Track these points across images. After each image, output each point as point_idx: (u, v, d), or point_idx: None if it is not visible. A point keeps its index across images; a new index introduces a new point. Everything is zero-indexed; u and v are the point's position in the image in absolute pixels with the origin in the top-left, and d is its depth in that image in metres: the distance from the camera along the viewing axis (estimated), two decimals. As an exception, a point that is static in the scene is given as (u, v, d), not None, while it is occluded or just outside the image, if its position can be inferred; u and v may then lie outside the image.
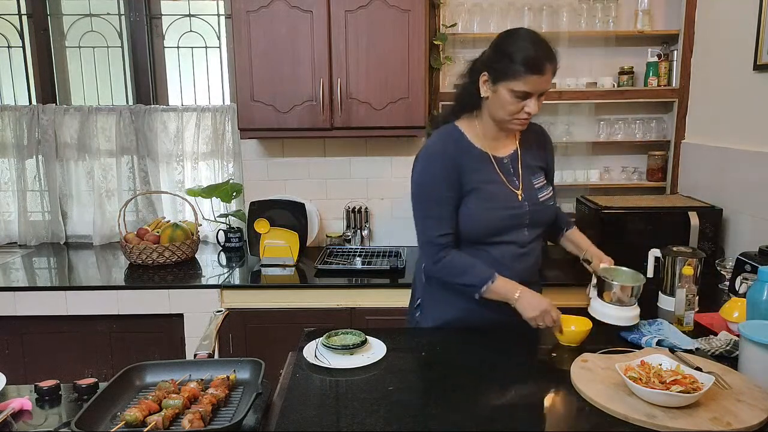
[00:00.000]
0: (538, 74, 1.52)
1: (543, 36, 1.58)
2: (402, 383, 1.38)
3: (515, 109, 1.58)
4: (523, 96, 1.56)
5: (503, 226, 1.66)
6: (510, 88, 1.55)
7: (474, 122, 1.71)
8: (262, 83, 2.63)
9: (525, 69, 1.52)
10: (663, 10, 2.91)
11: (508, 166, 1.71)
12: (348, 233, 3.01)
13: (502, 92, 1.57)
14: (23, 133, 3.10)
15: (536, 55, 1.52)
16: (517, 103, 1.57)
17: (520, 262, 1.69)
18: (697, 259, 1.91)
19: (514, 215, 1.66)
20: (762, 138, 2.27)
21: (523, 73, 1.52)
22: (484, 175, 1.67)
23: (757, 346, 1.32)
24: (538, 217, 1.70)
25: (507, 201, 1.67)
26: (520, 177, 1.71)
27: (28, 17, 3.12)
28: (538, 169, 1.76)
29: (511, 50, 1.55)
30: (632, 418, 1.17)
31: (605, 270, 1.60)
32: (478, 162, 1.67)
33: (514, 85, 1.54)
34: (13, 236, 3.22)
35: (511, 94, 1.56)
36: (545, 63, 1.53)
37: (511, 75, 1.54)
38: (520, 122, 1.62)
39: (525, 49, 1.53)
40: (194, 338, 2.44)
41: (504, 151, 1.72)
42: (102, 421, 1.20)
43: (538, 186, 1.73)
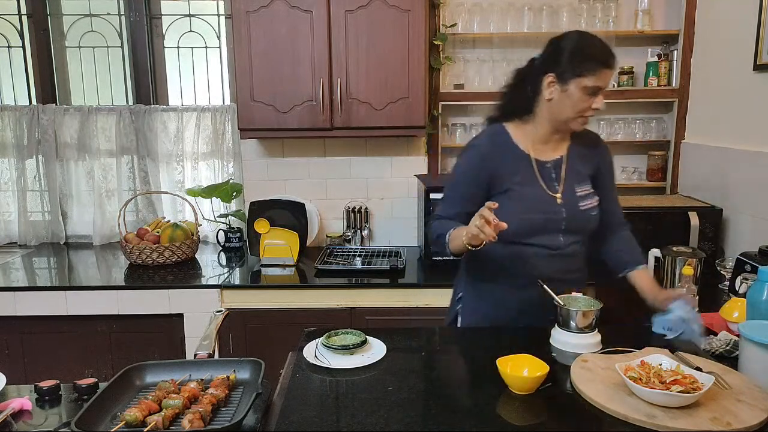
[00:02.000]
0: (609, 68, 1.59)
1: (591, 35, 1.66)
2: (402, 383, 1.38)
3: (585, 106, 1.62)
4: (594, 92, 1.60)
5: (535, 229, 1.67)
6: (582, 84, 1.59)
7: (523, 126, 1.73)
8: (262, 83, 2.63)
9: (598, 64, 1.57)
10: (663, 10, 2.91)
11: (550, 171, 1.71)
12: (348, 233, 3.01)
13: (573, 90, 1.61)
14: (23, 133, 3.10)
15: (605, 50, 1.59)
16: (587, 100, 1.61)
17: (551, 264, 1.69)
18: (697, 259, 1.92)
19: (549, 220, 1.67)
20: (762, 138, 2.27)
21: (595, 68, 1.57)
22: (521, 177, 1.69)
23: (757, 346, 1.32)
24: (576, 225, 1.70)
25: (542, 205, 1.67)
26: (562, 182, 1.71)
27: (28, 17, 3.12)
28: (586, 178, 1.75)
29: (581, 48, 1.60)
30: (632, 418, 1.17)
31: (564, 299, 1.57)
32: (518, 164, 1.70)
33: (587, 80, 1.58)
34: (13, 236, 3.22)
35: (583, 90, 1.59)
36: (613, 57, 1.60)
37: (584, 71, 1.58)
38: (585, 120, 1.66)
39: (594, 46, 1.60)
40: (194, 338, 2.44)
41: (549, 156, 1.73)
42: (102, 421, 1.20)
43: (582, 194, 1.72)
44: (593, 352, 1.48)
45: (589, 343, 1.50)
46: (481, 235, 1.46)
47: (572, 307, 1.52)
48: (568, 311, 1.51)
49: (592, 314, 1.50)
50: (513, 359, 1.36)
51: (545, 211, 1.67)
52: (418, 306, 2.49)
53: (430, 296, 2.48)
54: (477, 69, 2.96)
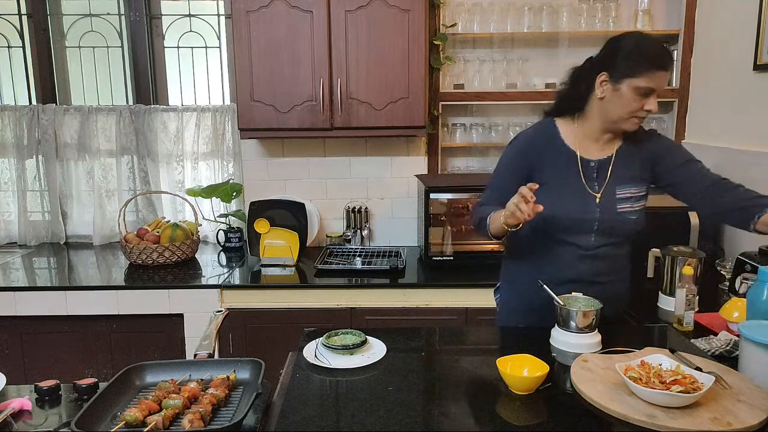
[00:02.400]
0: (664, 70, 1.58)
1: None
2: (402, 383, 1.38)
3: (637, 106, 1.61)
4: (646, 93, 1.60)
5: (566, 226, 1.68)
6: (635, 85, 1.59)
7: (573, 123, 1.74)
8: (262, 83, 2.63)
9: (652, 65, 1.57)
10: (663, 10, 2.91)
11: (594, 171, 1.71)
12: (348, 233, 3.01)
13: (624, 90, 1.61)
14: (23, 133, 3.10)
15: (661, 52, 1.59)
16: (639, 101, 1.61)
17: (582, 263, 1.70)
18: (697, 259, 1.91)
19: (582, 218, 1.67)
20: (762, 138, 2.27)
21: (649, 69, 1.57)
22: (562, 172, 1.70)
23: (757, 346, 1.32)
24: (610, 227, 1.69)
25: (578, 202, 1.68)
26: (604, 183, 1.70)
27: (28, 17, 3.12)
28: (633, 180, 1.72)
29: (636, 48, 1.60)
30: (632, 418, 1.17)
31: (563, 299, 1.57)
32: (562, 159, 1.71)
33: (639, 81, 1.58)
34: (13, 236, 3.22)
35: (635, 91, 1.59)
36: (669, 59, 1.60)
37: (637, 71, 1.58)
38: (639, 120, 1.66)
39: (650, 46, 1.60)
40: (194, 338, 2.45)
41: (596, 155, 1.73)
42: (102, 421, 1.20)
43: (622, 197, 1.70)
44: (593, 352, 1.48)
45: (589, 343, 1.50)
46: (517, 212, 1.48)
47: (572, 307, 1.52)
48: (568, 311, 1.51)
49: (592, 314, 1.50)
50: (513, 359, 1.36)
51: (580, 209, 1.68)
52: (418, 306, 2.49)
53: (430, 296, 2.49)
54: (477, 69, 2.96)
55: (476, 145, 3.03)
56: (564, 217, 1.67)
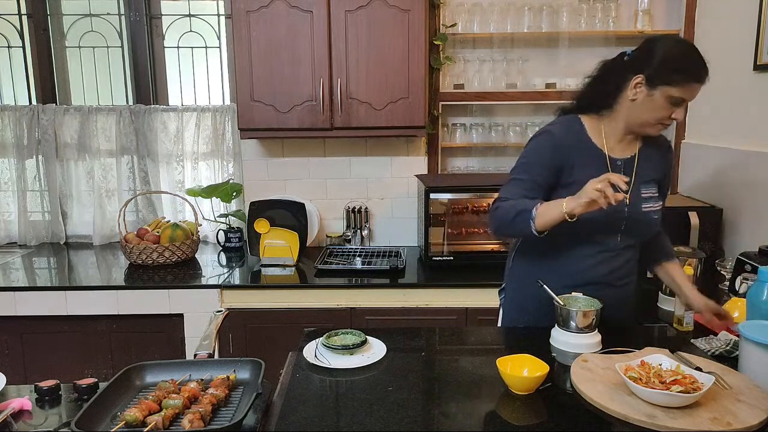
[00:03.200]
0: (699, 83, 1.58)
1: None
2: (402, 383, 1.38)
3: (666, 114, 1.60)
4: (678, 102, 1.58)
5: (596, 225, 1.65)
6: (669, 93, 1.57)
7: (598, 121, 1.71)
8: (262, 83, 2.63)
9: (689, 77, 1.56)
10: (663, 10, 2.91)
11: (620, 169, 1.69)
12: (348, 233, 3.01)
13: (657, 97, 1.58)
14: (23, 133, 3.10)
15: (700, 64, 1.58)
16: (669, 109, 1.59)
17: (604, 264, 1.68)
18: (697, 259, 1.92)
19: (611, 218, 1.65)
20: (762, 138, 2.27)
21: (686, 81, 1.56)
22: (592, 171, 1.64)
23: (757, 346, 1.32)
24: (635, 227, 1.68)
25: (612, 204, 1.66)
26: (631, 183, 1.68)
27: (28, 17, 3.12)
28: (651, 181, 1.73)
29: (677, 56, 1.58)
30: (632, 418, 1.17)
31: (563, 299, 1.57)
32: (590, 158, 1.68)
33: (674, 91, 1.57)
34: (13, 236, 3.22)
35: (668, 99, 1.58)
36: (706, 72, 1.58)
37: (673, 81, 1.56)
38: (663, 127, 1.64)
39: (690, 57, 1.58)
40: (194, 338, 2.44)
41: (621, 154, 1.71)
42: (102, 421, 1.20)
43: (646, 196, 1.70)
44: (593, 352, 1.48)
45: (589, 343, 1.50)
46: (600, 199, 1.42)
47: (572, 307, 1.52)
48: (568, 311, 1.51)
49: (592, 314, 1.50)
50: (513, 359, 1.36)
51: (610, 209, 1.61)
52: (418, 306, 2.49)
53: (430, 296, 2.49)
54: (477, 69, 2.96)
55: (476, 145, 3.03)
56: (594, 217, 1.62)
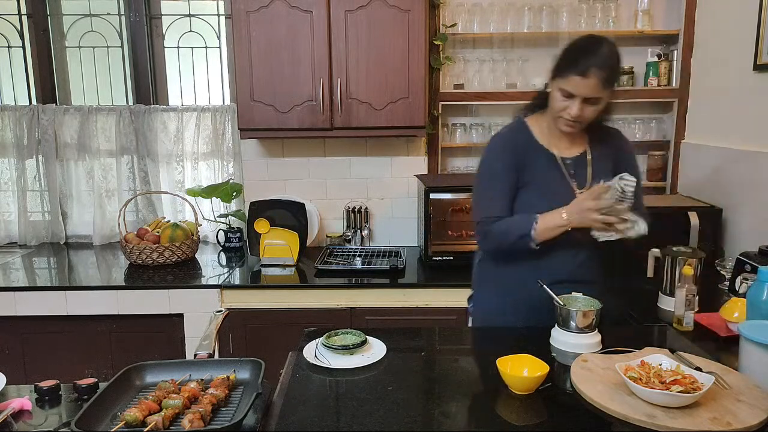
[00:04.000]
0: (582, 76, 1.55)
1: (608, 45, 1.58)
2: (402, 383, 1.38)
3: (560, 107, 1.62)
4: (567, 95, 1.60)
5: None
6: (559, 86, 1.61)
7: (542, 120, 1.75)
8: (262, 83, 2.63)
9: (570, 68, 1.57)
10: (663, 10, 2.91)
11: (571, 167, 1.72)
12: (348, 233, 3.01)
13: (554, 89, 1.63)
14: (23, 133, 3.10)
15: (582, 57, 1.56)
16: (563, 102, 1.61)
17: (571, 262, 1.71)
18: (697, 259, 1.91)
19: None
20: (762, 138, 2.27)
21: (567, 73, 1.57)
22: (544, 170, 1.70)
23: (757, 346, 1.32)
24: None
25: (564, 198, 1.67)
26: (587, 178, 1.71)
27: (28, 17, 3.12)
28: (608, 174, 1.72)
29: (566, 50, 1.61)
30: (632, 418, 1.17)
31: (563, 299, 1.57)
32: (540, 158, 1.71)
33: (561, 83, 1.60)
34: (13, 236, 3.22)
35: (561, 92, 1.61)
36: (591, 67, 1.55)
37: (559, 72, 1.60)
38: (564, 122, 1.65)
39: (576, 50, 1.59)
40: (194, 338, 2.44)
41: (569, 152, 1.74)
42: (102, 421, 1.20)
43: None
44: (593, 352, 1.48)
45: (589, 343, 1.50)
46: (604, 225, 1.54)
47: (572, 307, 1.52)
48: (568, 311, 1.51)
49: (592, 314, 1.50)
50: (513, 359, 1.36)
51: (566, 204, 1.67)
52: (418, 306, 2.49)
53: (430, 296, 2.48)
54: (477, 69, 2.96)
55: (476, 145, 3.03)
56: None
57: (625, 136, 1.84)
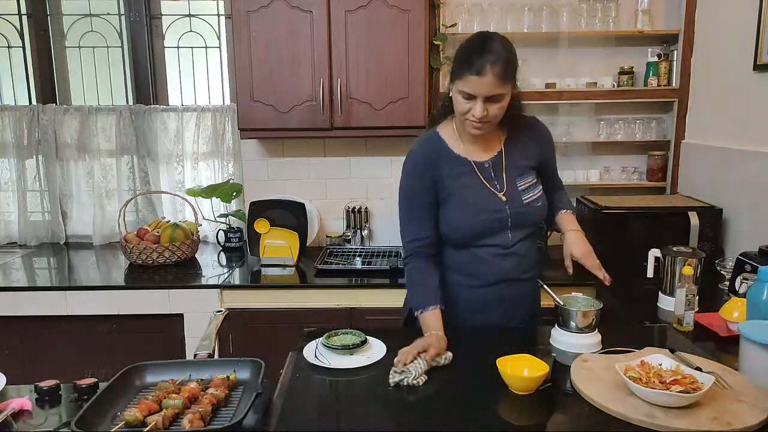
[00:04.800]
0: (477, 75, 1.49)
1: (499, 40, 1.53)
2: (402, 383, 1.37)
3: (463, 109, 1.56)
4: (468, 97, 1.54)
5: (483, 230, 1.65)
6: (458, 88, 1.55)
7: (452, 127, 1.70)
8: (262, 83, 2.63)
9: (465, 68, 1.51)
10: (663, 10, 2.91)
11: (489, 171, 1.68)
12: (348, 233, 3.01)
13: (454, 93, 1.57)
14: (23, 133, 3.10)
15: (476, 56, 1.49)
16: (464, 104, 1.55)
17: (504, 261, 1.68)
18: (697, 259, 1.92)
19: (495, 219, 1.65)
20: (762, 138, 2.27)
21: (463, 73, 1.51)
22: (462, 180, 1.66)
23: (757, 346, 1.32)
24: (522, 219, 1.68)
25: (487, 206, 1.65)
26: (504, 181, 1.68)
27: (28, 17, 3.12)
28: (528, 169, 1.71)
29: (461, 50, 1.55)
30: (632, 418, 1.17)
31: (564, 299, 1.57)
32: (457, 167, 1.67)
33: (459, 85, 1.54)
34: (13, 236, 3.22)
35: (460, 94, 1.55)
36: (485, 64, 1.48)
37: (455, 74, 1.55)
38: (471, 125, 1.58)
39: (468, 51, 1.52)
40: (194, 338, 2.44)
41: (485, 156, 1.69)
42: (102, 421, 1.20)
43: (524, 187, 1.69)
44: (593, 352, 1.48)
45: (589, 343, 1.50)
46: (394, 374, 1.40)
47: (572, 307, 1.52)
48: (568, 311, 1.51)
49: (592, 314, 1.50)
50: (513, 359, 1.36)
51: (490, 211, 1.65)
52: (418, 306, 2.49)
53: (430, 296, 2.48)
54: (477, 69, 2.96)
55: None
56: (478, 223, 1.65)
57: (541, 123, 1.79)
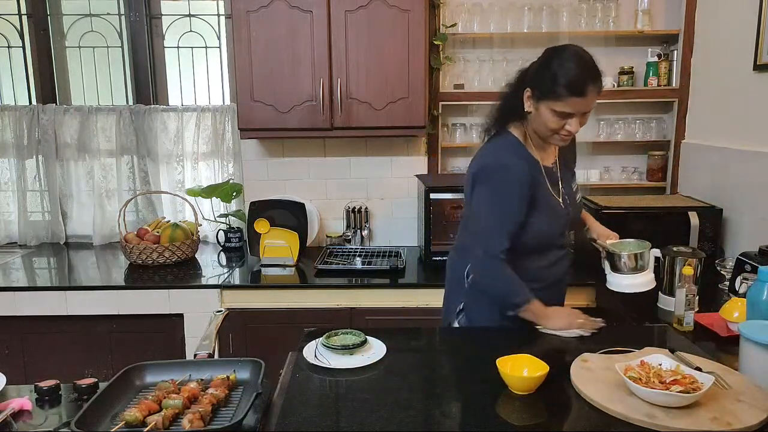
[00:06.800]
0: (580, 96, 1.52)
1: (588, 55, 1.55)
2: (402, 383, 1.37)
3: (557, 126, 1.58)
4: (565, 116, 1.56)
5: (557, 234, 1.71)
6: (552, 108, 1.55)
7: (525, 133, 1.71)
8: (262, 83, 2.63)
9: (567, 92, 1.51)
10: (663, 10, 2.91)
11: (556, 175, 1.73)
12: (348, 233, 3.01)
13: (543, 110, 1.57)
14: (23, 133, 3.10)
15: (579, 78, 1.51)
16: (559, 122, 1.57)
17: (562, 261, 1.75)
18: (697, 259, 1.92)
19: (563, 223, 1.72)
20: (762, 138, 2.27)
21: (565, 96, 1.52)
22: (544, 186, 1.68)
23: (757, 346, 1.32)
24: (574, 219, 1.77)
25: (558, 209, 1.70)
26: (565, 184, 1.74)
27: (28, 17, 3.12)
28: (573, 172, 1.81)
29: (556, 71, 1.53)
30: (632, 418, 1.17)
31: (613, 245, 1.67)
32: (540, 174, 1.69)
33: (555, 105, 1.55)
34: (13, 236, 3.22)
35: (553, 113, 1.56)
36: (588, 85, 1.51)
37: (553, 96, 1.54)
38: (561, 138, 1.62)
39: (569, 71, 1.52)
40: (194, 338, 2.44)
41: (550, 160, 1.74)
42: (102, 421, 1.20)
43: (575, 188, 1.79)
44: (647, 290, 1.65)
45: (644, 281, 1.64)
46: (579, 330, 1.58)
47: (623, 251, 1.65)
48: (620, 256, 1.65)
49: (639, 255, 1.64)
50: (513, 359, 1.36)
51: (561, 214, 1.71)
52: (418, 306, 2.49)
53: (430, 296, 2.48)
54: (477, 69, 2.96)
55: (476, 145, 2.99)
56: (557, 228, 1.71)
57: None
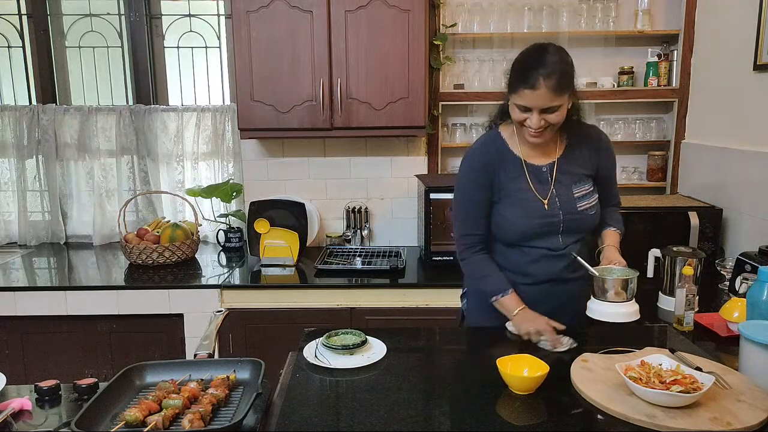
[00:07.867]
0: (530, 89, 1.52)
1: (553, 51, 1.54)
2: (402, 383, 1.38)
3: (520, 119, 1.60)
4: (524, 110, 1.57)
5: (534, 233, 1.69)
6: (513, 101, 1.59)
7: (513, 129, 1.72)
8: (262, 83, 2.63)
9: (517, 82, 1.55)
10: (663, 10, 2.91)
11: (546, 175, 1.71)
12: (348, 233, 3.01)
13: (511, 104, 1.61)
14: (23, 133, 3.10)
15: (528, 69, 1.52)
16: (521, 115, 1.59)
17: (555, 261, 1.71)
18: (697, 259, 1.92)
19: (547, 224, 1.68)
20: (762, 138, 2.27)
21: (516, 87, 1.55)
22: (518, 183, 1.69)
23: (757, 346, 1.32)
24: (574, 226, 1.70)
25: (539, 209, 1.68)
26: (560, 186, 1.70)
27: (28, 17, 3.12)
28: (584, 177, 1.73)
29: (514, 63, 1.59)
30: (632, 418, 1.17)
31: (599, 270, 1.60)
32: (514, 169, 1.70)
33: (514, 98, 1.58)
34: (13, 236, 3.22)
35: (515, 107, 1.59)
36: (538, 78, 1.50)
37: (510, 88, 1.59)
38: (529, 134, 1.62)
39: (520, 63, 1.56)
40: (194, 338, 2.44)
41: (544, 160, 1.72)
42: (102, 421, 1.20)
43: (579, 195, 1.71)
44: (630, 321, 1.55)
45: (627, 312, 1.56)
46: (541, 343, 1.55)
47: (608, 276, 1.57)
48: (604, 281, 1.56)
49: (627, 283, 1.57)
50: (513, 359, 1.36)
51: (543, 215, 1.68)
52: (418, 306, 2.49)
53: (430, 296, 2.48)
54: (477, 69, 2.96)
55: (476, 145, 3.02)
56: (531, 226, 1.68)
57: (603, 134, 1.81)
